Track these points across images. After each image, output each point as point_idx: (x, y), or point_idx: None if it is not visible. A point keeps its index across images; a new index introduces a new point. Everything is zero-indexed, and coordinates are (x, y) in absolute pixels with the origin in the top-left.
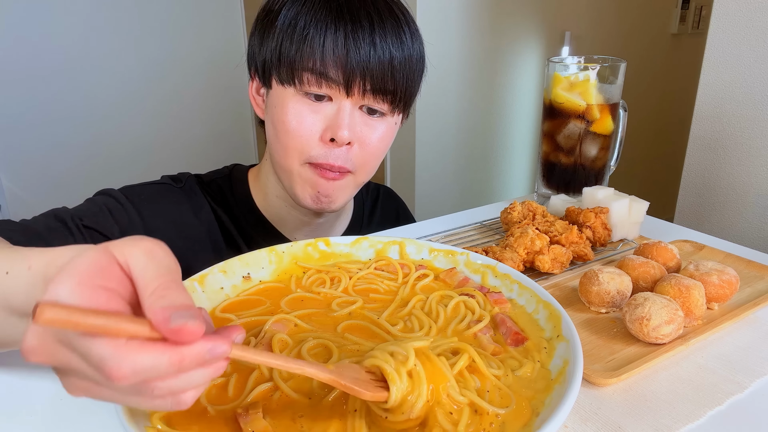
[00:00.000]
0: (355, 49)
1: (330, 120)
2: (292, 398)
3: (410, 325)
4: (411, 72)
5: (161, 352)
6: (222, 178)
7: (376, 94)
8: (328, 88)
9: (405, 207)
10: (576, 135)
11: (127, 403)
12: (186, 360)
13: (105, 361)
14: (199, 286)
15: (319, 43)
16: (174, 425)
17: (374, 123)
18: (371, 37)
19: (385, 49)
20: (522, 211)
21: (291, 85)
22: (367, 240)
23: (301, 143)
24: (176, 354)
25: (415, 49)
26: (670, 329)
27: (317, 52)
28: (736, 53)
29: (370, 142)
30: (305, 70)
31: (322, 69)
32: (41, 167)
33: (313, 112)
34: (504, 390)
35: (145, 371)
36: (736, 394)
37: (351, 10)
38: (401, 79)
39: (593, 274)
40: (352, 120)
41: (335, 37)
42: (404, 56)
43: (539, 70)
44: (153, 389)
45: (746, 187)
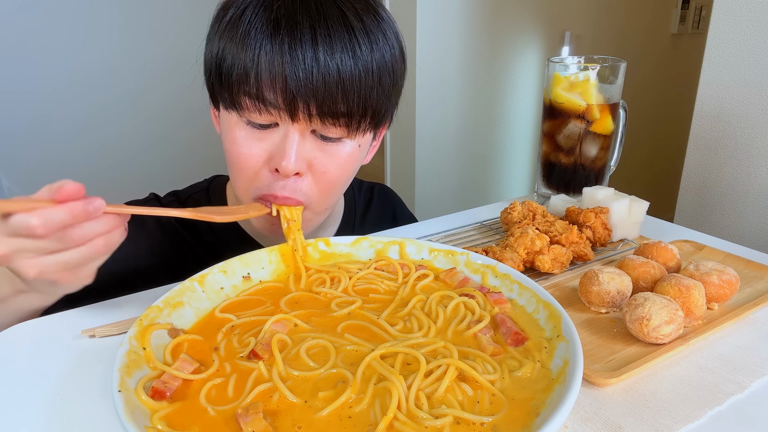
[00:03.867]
0: (293, 68)
1: (275, 148)
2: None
3: (410, 325)
4: (370, 89)
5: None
6: (199, 193)
7: (325, 117)
8: (269, 114)
9: (403, 205)
10: (576, 135)
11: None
12: (76, 209)
13: (27, 223)
14: (199, 286)
15: (253, 63)
16: (174, 425)
17: (330, 149)
18: (313, 52)
19: (331, 65)
20: (522, 211)
21: (234, 110)
22: (367, 240)
23: (246, 175)
24: (67, 206)
25: (376, 59)
26: (670, 329)
27: (251, 74)
28: (736, 53)
29: (326, 170)
30: (242, 93)
31: (259, 93)
32: (41, 167)
33: (258, 140)
34: (497, 396)
35: (53, 220)
36: (736, 394)
37: (290, 22)
38: (355, 99)
39: (593, 274)
40: (301, 148)
41: (271, 55)
42: (358, 71)
43: (539, 70)
44: (71, 236)
45: (746, 187)
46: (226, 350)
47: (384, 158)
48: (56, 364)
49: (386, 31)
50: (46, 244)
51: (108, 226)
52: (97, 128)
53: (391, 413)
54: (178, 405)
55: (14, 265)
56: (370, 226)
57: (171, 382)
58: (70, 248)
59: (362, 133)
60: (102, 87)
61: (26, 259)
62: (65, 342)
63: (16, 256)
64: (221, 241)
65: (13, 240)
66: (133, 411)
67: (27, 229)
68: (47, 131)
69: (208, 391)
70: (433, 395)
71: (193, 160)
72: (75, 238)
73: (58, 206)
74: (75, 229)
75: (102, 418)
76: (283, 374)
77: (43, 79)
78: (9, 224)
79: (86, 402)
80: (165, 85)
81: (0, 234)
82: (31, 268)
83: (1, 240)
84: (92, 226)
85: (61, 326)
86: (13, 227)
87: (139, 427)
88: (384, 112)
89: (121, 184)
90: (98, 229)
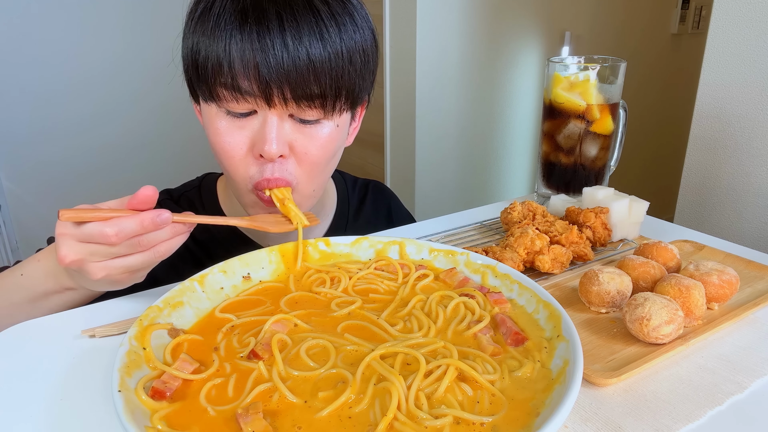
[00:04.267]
0: (263, 55)
1: (256, 134)
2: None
3: (410, 325)
4: (341, 70)
5: (131, 218)
6: (191, 191)
7: (300, 101)
8: (246, 103)
9: (399, 202)
10: (576, 135)
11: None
12: (145, 221)
13: (102, 231)
14: (199, 286)
15: (225, 54)
16: (174, 425)
17: (309, 131)
18: (282, 38)
19: (300, 49)
20: (522, 211)
21: (212, 102)
22: (367, 240)
23: (235, 165)
24: (138, 218)
25: (346, 42)
26: (670, 329)
27: (225, 64)
28: (736, 53)
29: (307, 151)
30: (218, 85)
31: (234, 82)
32: (41, 167)
33: (240, 129)
34: (497, 396)
35: (126, 230)
36: (736, 394)
37: (257, 11)
38: (327, 81)
39: (593, 274)
40: (281, 131)
41: (241, 44)
42: (327, 54)
43: (539, 70)
44: (139, 242)
45: (746, 187)
46: (226, 350)
47: (384, 158)
48: (56, 364)
49: (353, 13)
50: (116, 249)
51: (171, 233)
52: (96, 128)
53: (390, 413)
54: (178, 405)
55: (84, 268)
56: (364, 222)
57: (171, 382)
58: (136, 253)
59: (338, 113)
60: (102, 86)
61: (96, 263)
62: (65, 342)
63: (87, 260)
64: (215, 240)
65: (87, 246)
66: (133, 411)
67: (102, 236)
68: (47, 131)
69: (208, 391)
70: (433, 395)
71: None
72: (143, 244)
73: (130, 217)
74: (143, 238)
75: (102, 418)
76: (283, 374)
77: (42, 79)
78: (84, 231)
79: (86, 402)
80: (164, 85)
81: (74, 240)
82: (100, 271)
83: (76, 246)
84: (158, 234)
85: (61, 326)
86: (88, 234)
87: (139, 427)
88: (358, 92)
89: (120, 183)
90: (163, 237)
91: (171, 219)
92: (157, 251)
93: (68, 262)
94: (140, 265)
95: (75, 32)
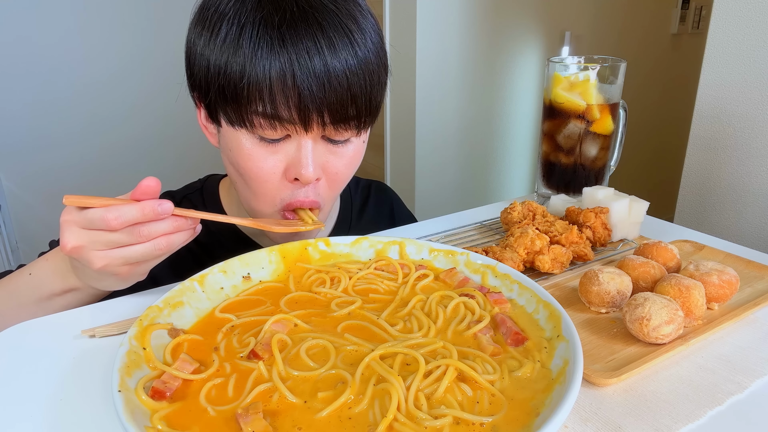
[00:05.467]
0: (305, 81)
1: (291, 159)
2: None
3: (410, 325)
4: (372, 86)
5: (132, 204)
6: (193, 193)
7: (337, 124)
8: (283, 130)
9: (400, 202)
10: (576, 135)
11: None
12: (146, 209)
13: (103, 217)
14: (199, 286)
15: (266, 83)
16: (174, 425)
17: (340, 150)
18: (322, 62)
19: (339, 71)
20: (522, 211)
21: (242, 127)
22: (367, 240)
23: (268, 188)
24: (139, 205)
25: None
26: (670, 329)
27: (265, 93)
28: (736, 53)
29: (337, 171)
30: (254, 113)
31: (273, 111)
32: (41, 167)
33: (273, 153)
34: (497, 396)
35: (127, 216)
36: (736, 394)
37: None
38: (363, 100)
39: (593, 274)
40: (316, 155)
41: (281, 71)
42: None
43: (539, 70)
44: (140, 232)
45: (746, 187)
46: (226, 350)
47: (384, 158)
48: (56, 364)
49: (373, 24)
50: (117, 237)
51: (172, 227)
52: (97, 128)
53: (390, 414)
54: (178, 405)
55: (85, 256)
56: (366, 223)
57: (171, 382)
58: (136, 244)
59: (366, 130)
60: (103, 88)
61: (96, 251)
62: (65, 342)
63: (87, 248)
64: (217, 242)
65: (89, 233)
66: (133, 411)
67: (103, 221)
68: (47, 131)
69: (208, 391)
70: (433, 396)
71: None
72: (143, 234)
73: (132, 204)
74: (143, 227)
75: (102, 418)
76: (283, 374)
77: (43, 80)
78: (86, 216)
79: (86, 402)
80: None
81: (77, 226)
82: (100, 260)
83: (78, 232)
84: (159, 225)
85: (61, 326)
86: (90, 220)
87: (139, 427)
88: (380, 105)
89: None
90: (164, 229)
91: (172, 209)
92: (158, 244)
93: (70, 248)
94: (140, 256)
95: (77, 33)
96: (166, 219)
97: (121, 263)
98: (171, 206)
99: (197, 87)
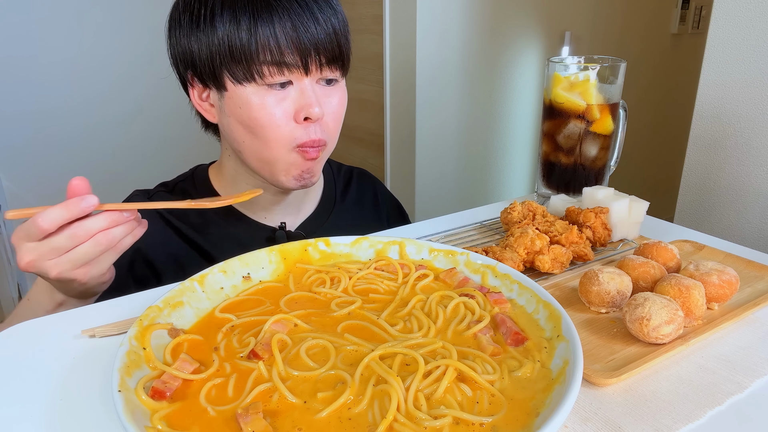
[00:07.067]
0: (304, 30)
1: (298, 102)
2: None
3: (410, 325)
4: (348, 35)
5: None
6: (185, 180)
7: (330, 64)
8: (289, 73)
9: (384, 187)
10: (576, 135)
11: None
12: (70, 205)
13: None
14: (199, 286)
15: (272, 35)
16: (174, 425)
17: (332, 91)
18: (311, 13)
19: (326, 20)
20: (522, 211)
21: (250, 82)
22: (367, 240)
23: (282, 132)
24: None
25: (342, 13)
26: (670, 329)
27: (272, 43)
28: (736, 53)
29: (333, 109)
30: (264, 63)
31: (280, 57)
32: (41, 167)
33: (281, 100)
34: (497, 396)
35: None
36: (736, 394)
37: None
38: (345, 44)
39: (593, 274)
40: (317, 95)
41: (282, 25)
42: (340, 22)
43: (539, 70)
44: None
45: (746, 187)
46: (226, 350)
47: (384, 158)
48: (56, 364)
49: None
50: (58, 242)
51: (107, 222)
52: (99, 132)
53: (390, 415)
54: (178, 405)
55: (40, 268)
56: (352, 205)
57: (171, 382)
58: (78, 245)
59: (346, 72)
60: (104, 88)
61: (46, 261)
62: (65, 342)
63: (39, 260)
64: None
65: (36, 245)
66: (133, 411)
67: (36, 228)
68: (48, 131)
69: (208, 391)
70: (432, 396)
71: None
72: (79, 234)
73: (58, 205)
74: (77, 226)
75: (102, 418)
76: (282, 374)
77: (43, 80)
78: (26, 229)
79: (86, 402)
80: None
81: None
82: (52, 268)
83: (27, 246)
84: (92, 222)
85: (61, 326)
86: (27, 231)
87: (139, 427)
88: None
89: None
90: (99, 225)
91: (96, 202)
92: (98, 240)
93: (24, 264)
94: (84, 255)
95: (77, 34)
96: (100, 215)
97: (72, 267)
98: (95, 200)
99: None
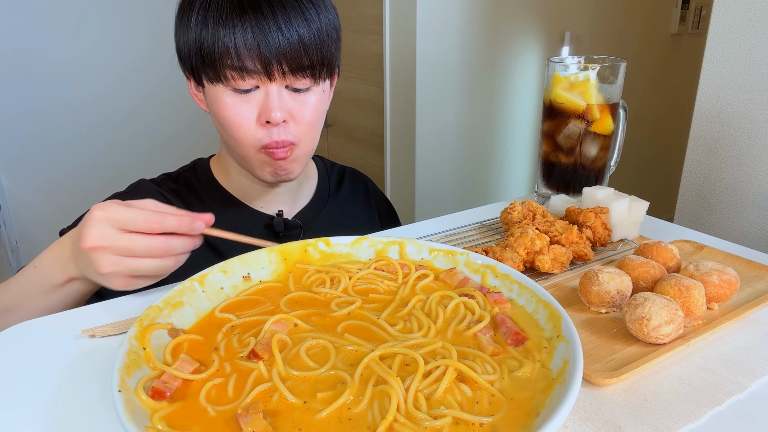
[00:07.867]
0: (264, 39)
1: (261, 105)
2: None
3: (410, 325)
4: (323, 44)
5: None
6: (187, 171)
7: (295, 73)
8: (251, 79)
9: (374, 185)
10: (576, 135)
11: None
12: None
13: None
14: (199, 286)
15: (231, 41)
16: (174, 425)
17: (303, 98)
18: (276, 23)
19: (291, 31)
20: (522, 211)
21: (219, 83)
22: (367, 240)
23: (246, 133)
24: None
25: (323, 22)
26: (670, 329)
27: (231, 50)
28: (736, 53)
29: (303, 115)
30: (226, 67)
31: (240, 63)
32: (41, 167)
33: (246, 102)
34: (497, 396)
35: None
36: (736, 394)
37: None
38: (315, 54)
39: (593, 274)
40: (281, 100)
41: (243, 32)
42: (312, 32)
43: (539, 70)
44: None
45: (746, 187)
46: (226, 350)
47: (384, 158)
48: (56, 364)
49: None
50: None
51: (184, 248)
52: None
53: (390, 416)
54: (178, 405)
55: (98, 257)
56: (345, 198)
57: (171, 382)
58: (147, 257)
59: (323, 80)
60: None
61: (110, 255)
62: (65, 342)
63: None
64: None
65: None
66: (133, 411)
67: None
68: (48, 131)
69: (208, 391)
70: (432, 396)
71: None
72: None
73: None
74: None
75: (102, 418)
76: (282, 374)
77: (44, 79)
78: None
79: (86, 402)
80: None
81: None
82: (108, 265)
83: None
84: (176, 243)
85: (61, 326)
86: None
87: (139, 427)
88: (335, 61)
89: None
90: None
91: (202, 228)
92: (164, 263)
93: (89, 245)
94: (143, 270)
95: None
96: (182, 239)
97: (127, 272)
98: (202, 225)
99: (184, 61)
